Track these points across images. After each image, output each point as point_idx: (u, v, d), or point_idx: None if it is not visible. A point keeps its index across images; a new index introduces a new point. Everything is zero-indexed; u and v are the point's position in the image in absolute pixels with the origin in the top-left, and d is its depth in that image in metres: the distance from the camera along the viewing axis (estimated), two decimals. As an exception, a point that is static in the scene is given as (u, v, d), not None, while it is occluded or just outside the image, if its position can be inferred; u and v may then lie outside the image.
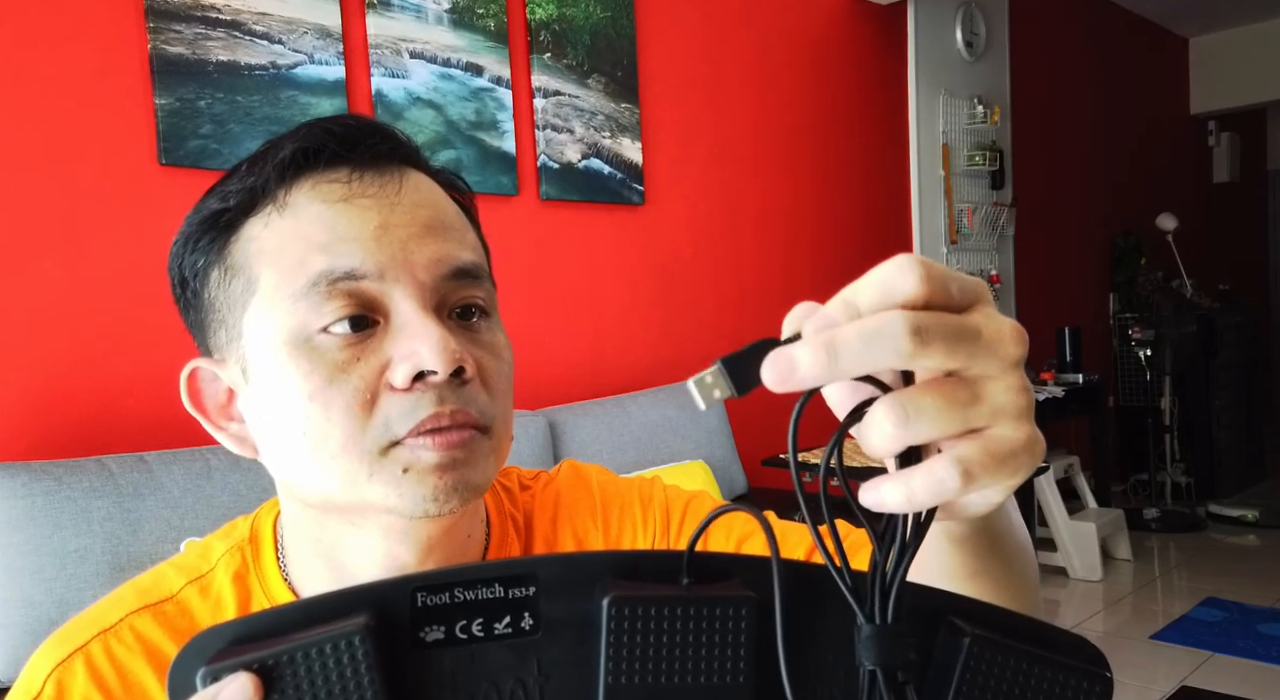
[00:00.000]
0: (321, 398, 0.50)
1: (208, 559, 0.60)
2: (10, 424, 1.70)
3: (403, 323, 0.51)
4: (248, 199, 0.53)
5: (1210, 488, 4.82)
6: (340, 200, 0.52)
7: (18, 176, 1.70)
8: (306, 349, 0.51)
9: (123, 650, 0.55)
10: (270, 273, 0.52)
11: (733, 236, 3.09)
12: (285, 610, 0.31)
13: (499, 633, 0.31)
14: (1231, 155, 6.15)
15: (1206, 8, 5.33)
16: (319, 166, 0.53)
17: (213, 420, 0.58)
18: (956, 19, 3.99)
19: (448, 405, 0.51)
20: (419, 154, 0.58)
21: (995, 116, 4.07)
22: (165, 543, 1.60)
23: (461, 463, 0.51)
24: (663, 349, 2.86)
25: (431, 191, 0.56)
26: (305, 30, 2.03)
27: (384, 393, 0.51)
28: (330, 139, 0.53)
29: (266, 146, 0.55)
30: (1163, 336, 4.51)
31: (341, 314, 0.50)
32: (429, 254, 0.53)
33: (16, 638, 1.49)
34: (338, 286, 0.50)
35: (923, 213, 3.85)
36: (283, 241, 0.52)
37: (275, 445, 0.53)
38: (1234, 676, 2.73)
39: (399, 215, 0.53)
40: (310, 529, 0.57)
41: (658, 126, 2.84)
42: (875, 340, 0.28)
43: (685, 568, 0.32)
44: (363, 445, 0.50)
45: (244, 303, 0.53)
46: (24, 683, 0.55)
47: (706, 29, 3.00)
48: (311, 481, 0.53)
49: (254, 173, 0.53)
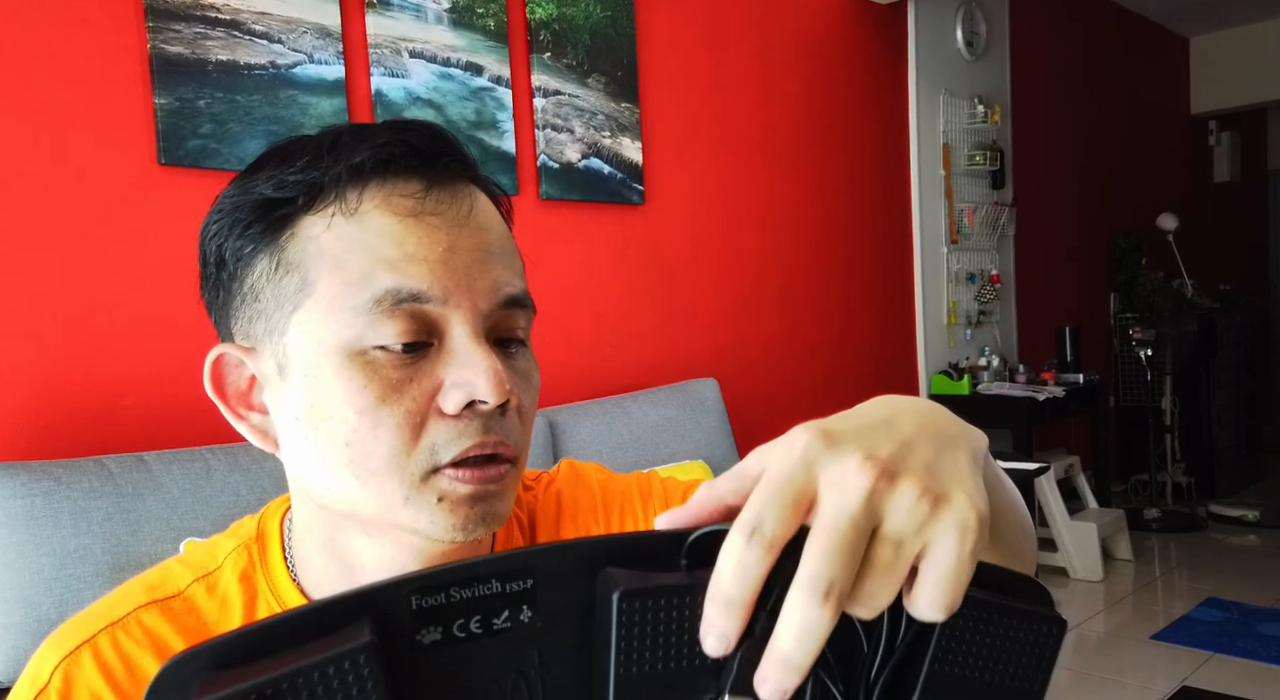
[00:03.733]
0: (372, 415, 0.50)
1: (215, 557, 0.60)
2: (10, 424, 1.69)
3: (457, 348, 0.51)
4: (309, 194, 0.52)
5: (1210, 488, 4.82)
6: (410, 215, 0.52)
7: (17, 176, 1.70)
8: (361, 362, 0.50)
9: (130, 644, 0.55)
10: (331, 279, 0.51)
11: (733, 236, 3.09)
12: (273, 625, 0.29)
13: (498, 628, 0.30)
14: (1232, 155, 6.15)
15: (1206, 8, 5.33)
16: (393, 176, 0.52)
17: (232, 407, 0.57)
18: (957, 19, 3.99)
19: (493, 436, 0.52)
20: (481, 173, 0.58)
21: (995, 116, 4.07)
22: (165, 543, 1.60)
23: (493, 495, 0.53)
24: (663, 349, 2.85)
25: (493, 214, 0.57)
26: (305, 30, 2.03)
27: (432, 417, 0.51)
28: (409, 150, 0.53)
29: (332, 139, 0.53)
30: (1163, 336, 4.51)
31: (404, 338, 0.50)
32: (489, 281, 0.53)
33: (16, 638, 1.49)
34: (402, 307, 0.50)
35: (923, 212, 3.85)
36: (347, 249, 0.51)
37: (308, 450, 0.53)
38: (1234, 676, 2.72)
39: (465, 238, 0.53)
40: (324, 530, 0.57)
41: (658, 126, 2.84)
42: (803, 632, 0.28)
43: (684, 551, 0.31)
44: (406, 468, 0.51)
45: (295, 302, 0.52)
46: (30, 676, 0.54)
47: (707, 29, 2.99)
48: (342, 493, 0.53)
49: (318, 167, 0.52)
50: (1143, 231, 5.16)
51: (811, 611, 0.28)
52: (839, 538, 0.29)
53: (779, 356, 3.25)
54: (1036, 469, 2.81)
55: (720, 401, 2.74)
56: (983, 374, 3.93)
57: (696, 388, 2.71)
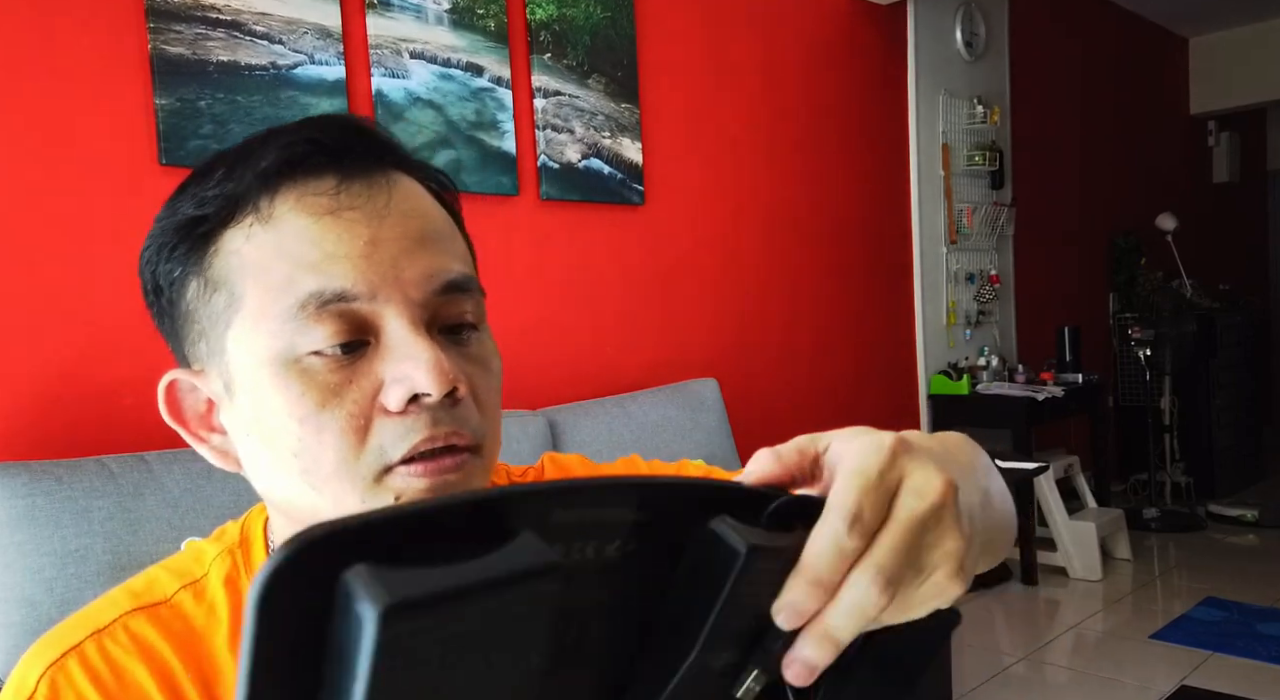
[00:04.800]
0: (314, 422, 0.49)
1: (201, 564, 0.60)
2: (10, 424, 1.70)
3: (395, 343, 0.50)
4: (227, 208, 0.51)
5: (1210, 487, 4.82)
6: (327, 213, 0.50)
7: (18, 176, 1.71)
8: (296, 371, 0.49)
9: (118, 650, 0.54)
10: (255, 290, 0.50)
11: (733, 236, 3.09)
12: (422, 514, 0.26)
13: (608, 555, 0.29)
14: (1231, 155, 6.15)
15: (1206, 8, 5.33)
16: (304, 175, 0.50)
17: (193, 432, 0.56)
18: (956, 19, 3.99)
19: (442, 428, 0.50)
20: (407, 155, 0.56)
21: (995, 116, 4.07)
22: (165, 542, 1.60)
23: (453, 486, 0.51)
24: (663, 349, 2.86)
25: (420, 199, 0.54)
26: (305, 30, 2.03)
27: (377, 416, 0.49)
28: (315, 147, 0.51)
29: (244, 148, 0.52)
30: (1162, 336, 4.51)
31: (336, 340, 0.49)
32: (420, 269, 0.51)
33: (17, 637, 1.49)
34: (328, 309, 0.49)
35: (923, 212, 3.86)
36: (267, 257, 0.50)
37: (263, 463, 0.52)
38: (1233, 676, 2.73)
39: (388, 228, 0.51)
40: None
41: (658, 127, 2.84)
42: (858, 613, 0.31)
43: (770, 513, 0.32)
44: (357, 471, 0.49)
45: (227, 319, 0.51)
46: (14, 686, 0.53)
47: (707, 29, 3.00)
48: (302, 502, 0.52)
49: (232, 178, 0.51)
50: (1142, 231, 5.16)
51: (872, 594, 0.30)
52: (911, 538, 0.32)
53: (779, 356, 3.25)
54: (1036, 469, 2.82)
55: (720, 401, 2.74)
56: (982, 374, 3.94)
57: (696, 387, 2.72)
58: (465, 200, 0.60)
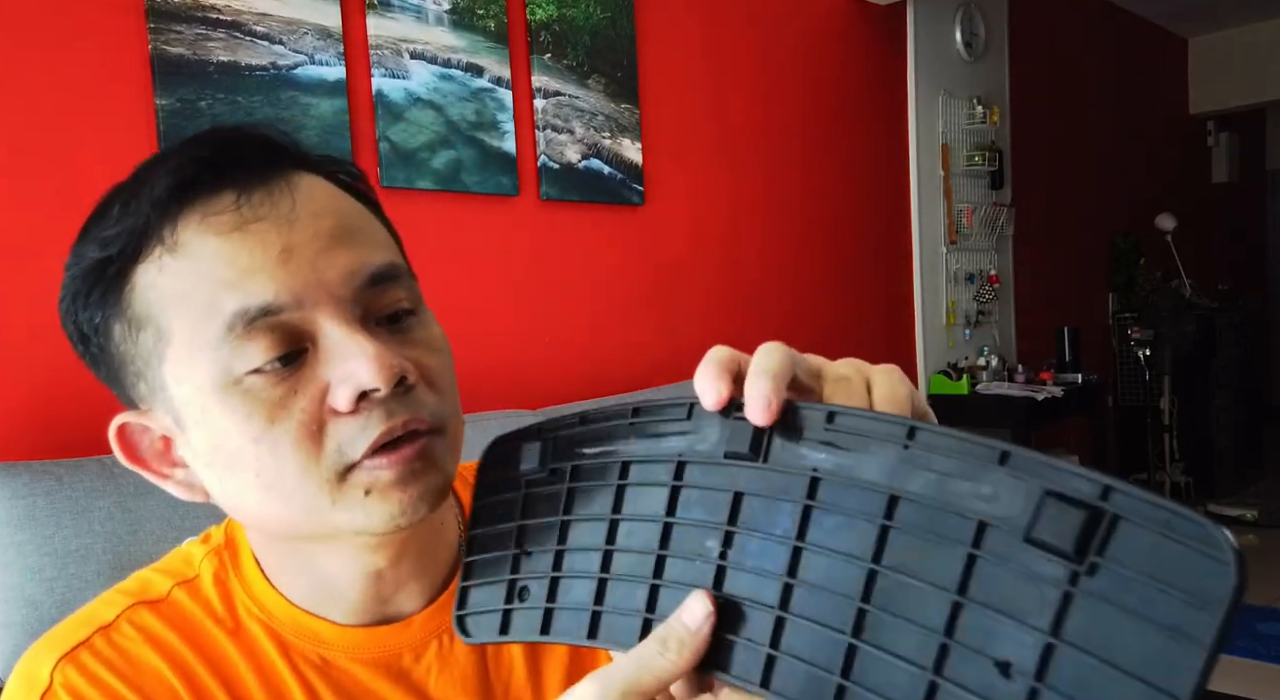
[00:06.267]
0: (267, 440, 0.49)
1: (191, 564, 0.60)
2: (10, 424, 1.70)
3: (332, 345, 0.49)
4: (131, 243, 0.49)
5: (1210, 487, 4.83)
6: (234, 230, 0.49)
7: (18, 177, 1.71)
8: (238, 393, 0.49)
9: (127, 642, 0.54)
10: (180, 321, 0.49)
11: (733, 236, 3.09)
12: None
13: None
14: (1230, 155, 6.15)
15: (1206, 8, 5.33)
16: (200, 196, 0.49)
17: (155, 471, 0.56)
18: (956, 19, 3.99)
19: (398, 417, 0.49)
20: (306, 153, 0.55)
21: (995, 116, 4.07)
22: (166, 542, 1.60)
23: (421, 471, 0.51)
24: (663, 349, 2.86)
25: (328, 195, 0.53)
26: (306, 31, 2.03)
27: (330, 419, 0.49)
28: (203, 165, 0.49)
29: (135, 179, 0.51)
30: (1162, 336, 4.52)
31: (270, 355, 0.48)
32: (341, 267, 0.50)
33: (17, 637, 1.49)
34: (256, 325, 0.48)
35: (922, 213, 3.86)
36: (184, 286, 0.49)
37: (230, 489, 0.52)
38: (1234, 676, 2.73)
39: (300, 232, 0.50)
40: (280, 546, 0.57)
41: (658, 126, 2.84)
42: (775, 353, 0.42)
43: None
44: (319, 475, 0.49)
45: (159, 355, 0.51)
46: (24, 681, 0.53)
47: (706, 29, 3.00)
48: (274, 517, 0.52)
49: (130, 213, 0.50)
50: (1141, 231, 5.17)
51: (770, 346, 0.40)
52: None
53: (778, 356, 3.25)
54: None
55: (720, 401, 2.74)
56: (982, 374, 3.94)
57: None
58: (465, 200, 0.60)
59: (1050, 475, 0.31)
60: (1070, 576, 0.30)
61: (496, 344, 2.40)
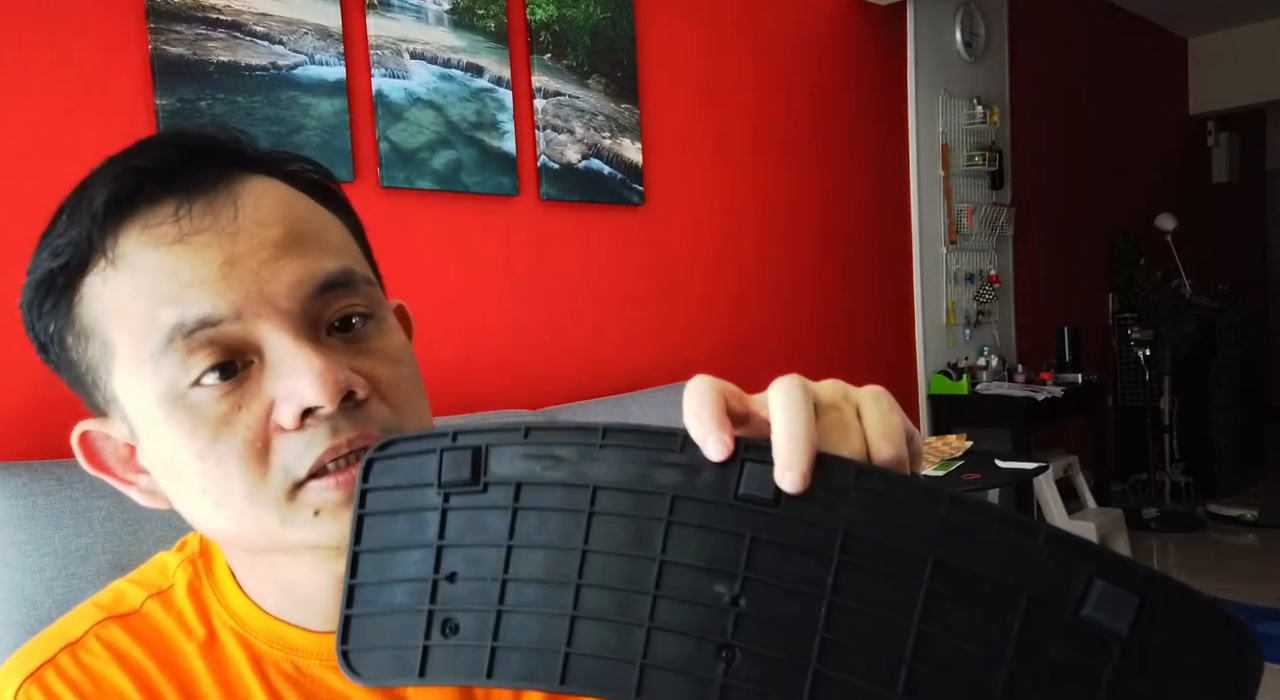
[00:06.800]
0: (212, 455, 0.47)
1: (165, 574, 0.60)
2: (10, 424, 1.70)
3: (276, 359, 0.47)
4: (77, 255, 0.49)
5: (1209, 487, 4.83)
6: (174, 242, 0.47)
7: (18, 177, 1.71)
8: (183, 407, 0.47)
9: (92, 659, 0.54)
10: (123, 335, 0.48)
11: (732, 237, 3.09)
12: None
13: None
14: (1230, 155, 6.15)
15: (1206, 8, 5.33)
16: (140, 207, 0.48)
17: (119, 477, 0.55)
18: (956, 19, 3.99)
19: (344, 435, 0.47)
20: (257, 154, 0.53)
21: (994, 117, 4.07)
22: (165, 542, 1.59)
23: None
24: (663, 349, 2.86)
25: (277, 201, 0.51)
26: (306, 31, 2.03)
27: (275, 436, 0.48)
28: (142, 175, 0.48)
29: (80, 189, 0.50)
30: (1162, 336, 4.52)
31: (207, 364, 0.47)
32: (287, 278, 0.48)
33: (17, 637, 1.49)
34: (195, 337, 0.47)
35: (922, 213, 3.86)
36: (125, 299, 0.48)
37: (183, 499, 0.52)
38: (1233, 676, 2.73)
39: (243, 243, 0.48)
40: (245, 556, 0.56)
41: (658, 126, 2.84)
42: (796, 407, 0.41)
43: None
44: (267, 494, 0.48)
45: (107, 367, 0.50)
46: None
47: (706, 29, 3.00)
48: (226, 532, 0.51)
49: (74, 223, 0.49)
50: (1141, 231, 5.17)
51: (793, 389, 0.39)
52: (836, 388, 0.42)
53: (778, 356, 3.25)
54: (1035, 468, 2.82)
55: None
56: (982, 374, 3.94)
57: (696, 388, 2.71)
58: (465, 200, 0.60)
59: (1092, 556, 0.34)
60: (1120, 652, 0.32)
61: (496, 344, 2.40)
